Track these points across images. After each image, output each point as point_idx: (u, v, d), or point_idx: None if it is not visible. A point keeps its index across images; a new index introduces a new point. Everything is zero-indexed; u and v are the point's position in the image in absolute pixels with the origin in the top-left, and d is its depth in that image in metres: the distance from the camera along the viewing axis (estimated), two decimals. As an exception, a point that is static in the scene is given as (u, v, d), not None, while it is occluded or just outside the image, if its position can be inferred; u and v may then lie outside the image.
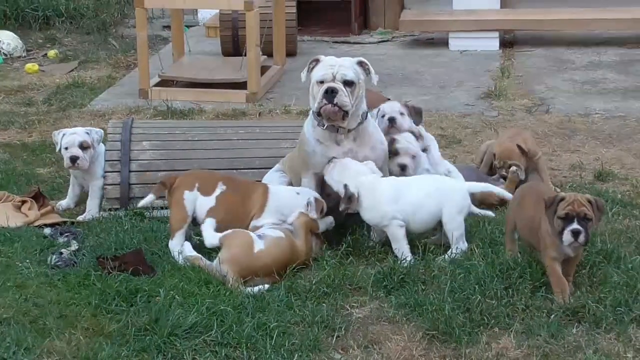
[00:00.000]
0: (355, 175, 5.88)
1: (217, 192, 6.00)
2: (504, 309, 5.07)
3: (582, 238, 5.09)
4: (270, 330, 4.90)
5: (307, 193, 6.03)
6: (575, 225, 5.08)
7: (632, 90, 9.60)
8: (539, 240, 5.30)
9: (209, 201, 5.97)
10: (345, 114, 5.96)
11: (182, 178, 6.07)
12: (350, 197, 5.81)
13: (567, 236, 5.09)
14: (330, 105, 5.93)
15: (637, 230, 6.12)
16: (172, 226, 5.93)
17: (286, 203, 6.01)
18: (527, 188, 5.77)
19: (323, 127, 6.03)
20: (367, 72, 6.09)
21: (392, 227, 5.79)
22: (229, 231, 5.73)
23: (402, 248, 5.76)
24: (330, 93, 5.93)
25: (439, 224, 5.84)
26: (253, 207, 5.99)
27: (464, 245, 5.74)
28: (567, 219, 5.10)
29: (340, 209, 5.88)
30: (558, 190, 6.87)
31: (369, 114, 6.19)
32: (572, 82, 9.93)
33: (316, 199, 5.98)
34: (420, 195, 5.81)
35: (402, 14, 12.03)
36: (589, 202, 5.14)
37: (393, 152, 6.32)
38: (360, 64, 6.08)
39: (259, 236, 5.67)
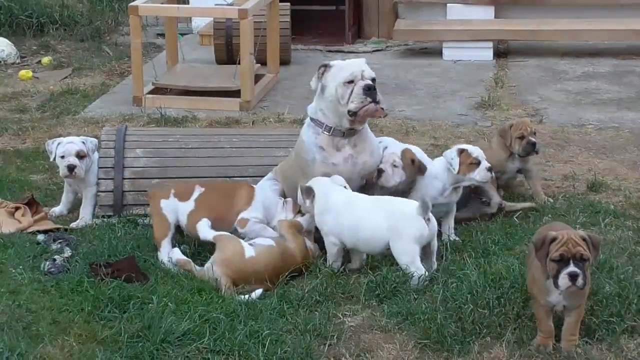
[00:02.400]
0: (315, 180, 5.90)
1: (195, 195, 6.05)
2: (496, 318, 5.07)
3: (580, 281, 4.61)
4: (262, 338, 4.91)
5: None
6: (572, 268, 4.61)
7: (625, 101, 9.62)
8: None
9: (189, 205, 6.01)
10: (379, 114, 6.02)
11: (156, 188, 6.17)
12: (307, 190, 5.82)
13: (563, 280, 4.62)
14: (373, 103, 5.91)
15: (630, 241, 6.14)
16: (155, 237, 5.98)
17: (272, 200, 6.09)
18: (544, 228, 5.15)
19: (329, 132, 6.03)
20: None
21: (327, 239, 5.79)
22: (223, 233, 5.76)
23: (332, 260, 5.77)
24: (373, 90, 5.91)
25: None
26: (239, 202, 6.03)
27: (416, 270, 5.50)
28: (562, 261, 4.64)
29: (302, 207, 5.92)
30: (550, 200, 6.89)
31: None
32: (566, 93, 9.96)
33: (294, 203, 6.07)
34: (365, 215, 5.68)
35: (396, 23, 12.05)
36: (583, 239, 4.67)
37: None
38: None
39: (250, 245, 5.70)
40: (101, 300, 5.26)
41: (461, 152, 6.26)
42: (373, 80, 6.01)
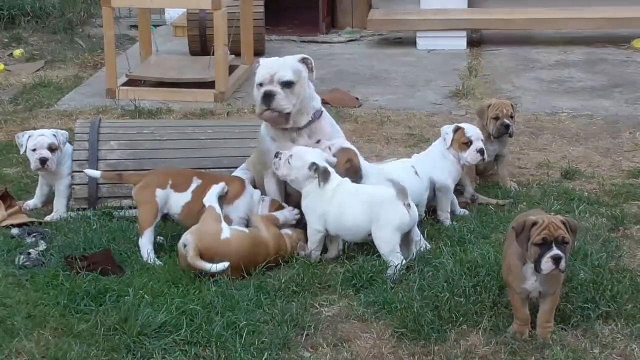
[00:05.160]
0: (320, 155, 5.85)
1: (193, 186, 6.03)
2: (472, 306, 5.09)
3: (563, 264, 4.64)
4: (239, 329, 4.90)
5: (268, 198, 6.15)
6: (555, 251, 4.62)
7: (598, 89, 9.68)
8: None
9: (185, 196, 6.00)
10: (287, 115, 5.98)
11: (152, 176, 6.09)
12: (324, 172, 5.73)
13: (547, 264, 4.64)
14: (268, 111, 5.96)
15: (603, 227, 6.18)
16: (141, 224, 5.92)
17: (255, 203, 6.06)
18: (521, 216, 5.15)
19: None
20: (310, 68, 6.10)
21: (311, 226, 5.75)
22: (216, 207, 5.77)
23: (312, 248, 5.74)
24: (268, 97, 5.94)
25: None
26: (229, 197, 6.01)
27: (397, 260, 5.51)
28: (544, 245, 4.65)
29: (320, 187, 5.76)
30: (516, 187, 6.91)
31: (324, 110, 6.20)
32: (539, 81, 10.00)
33: (271, 200, 6.08)
34: (348, 202, 5.66)
35: (370, 13, 12.07)
36: (563, 223, 4.70)
37: None
38: (303, 60, 6.10)
39: (230, 228, 5.72)
40: (77, 294, 5.24)
41: (457, 129, 6.37)
42: (285, 84, 5.98)
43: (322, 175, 5.73)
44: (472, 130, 6.39)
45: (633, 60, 10.77)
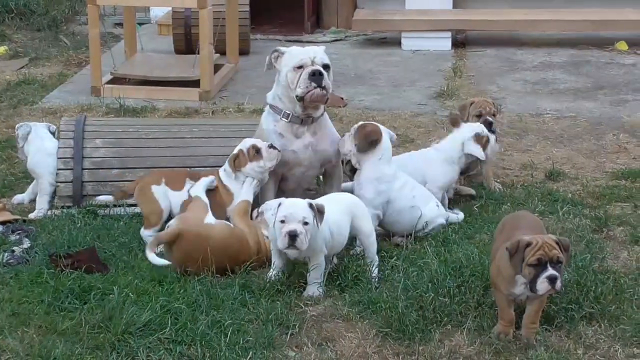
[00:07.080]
0: None
1: (188, 186, 6.09)
2: (457, 306, 5.10)
3: (559, 284, 4.65)
4: (224, 327, 4.90)
5: None
6: (551, 271, 4.63)
7: (582, 90, 9.72)
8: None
9: (182, 195, 6.06)
10: (327, 98, 6.03)
11: (146, 177, 6.20)
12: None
13: (543, 284, 4.64)
14: (318, 89, 5.96)
15: (587, 229, 6.21)
16: (148, 221, 6.02)
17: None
18: (510, 217, 5.34)
19: (287, 119, 6.07)
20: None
21: (321, 255, 5.40)
22: (202, 196, 5.86)
23: (321, 276, 5.43)
24: (318, 75, 5.96)
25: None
26: (217, 194, 6.07)
27: (376, 259, 5.59)
28: (539, 266, 4.65)
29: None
30: (500, 187, 6.93)
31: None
32: (524, 82, 10.04)
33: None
34: (338, 213, 5.55)
35: (355, 13, 12.08)
36: (557, 243, 4.70)
37: None
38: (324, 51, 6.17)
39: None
40: (61, 292, 5.22)
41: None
42: (325, 66, 6.04)
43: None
44: (481, 127, 6.57)
45: (617, 63, 10.82)
